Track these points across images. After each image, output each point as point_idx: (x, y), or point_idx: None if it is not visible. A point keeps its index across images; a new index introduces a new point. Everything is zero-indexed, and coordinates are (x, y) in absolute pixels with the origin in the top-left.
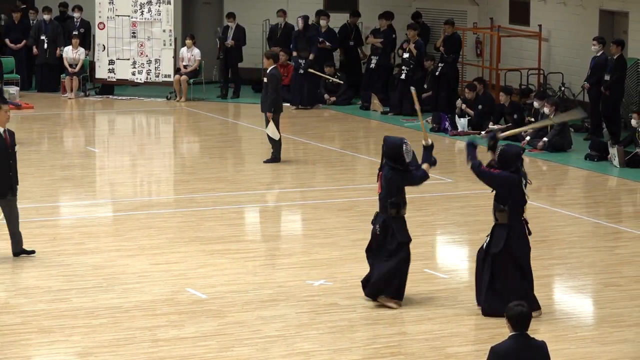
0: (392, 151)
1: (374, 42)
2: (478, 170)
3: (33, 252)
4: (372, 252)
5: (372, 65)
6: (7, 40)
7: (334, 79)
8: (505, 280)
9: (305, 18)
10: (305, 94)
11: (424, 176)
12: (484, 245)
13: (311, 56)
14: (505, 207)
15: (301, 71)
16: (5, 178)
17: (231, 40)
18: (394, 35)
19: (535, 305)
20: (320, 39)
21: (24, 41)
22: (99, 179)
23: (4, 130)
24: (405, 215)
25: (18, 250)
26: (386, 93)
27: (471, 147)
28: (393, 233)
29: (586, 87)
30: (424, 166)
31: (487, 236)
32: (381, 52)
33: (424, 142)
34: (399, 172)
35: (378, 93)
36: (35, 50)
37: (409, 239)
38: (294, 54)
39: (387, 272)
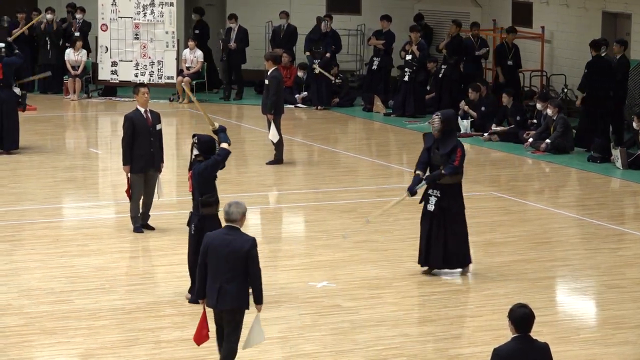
0: (207, 145)
1: (376, 43)
2: (451, 171)
3: (153, 228)
4: (192, 255)
5: (374, 67)
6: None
7: (337, 80)
8: (457, 235)
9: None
10: (323, 93)
11: (225, 153)
12: (432, 207)
13: (328, 55)
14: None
15: (316, 71)
16: (147, 154)
17: (233, 43)
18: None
19: (469, 259)
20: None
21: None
22: (102, 180)
23: (145, 111)
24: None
25: (144, 222)
26: (388, 94)
27: (418, 182)
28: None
29: None
30: (223, 145)
31: (434, 197)
32: (383, 54)
33: (211, 127)
34: (209, 163)
35: (380, 94)
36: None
37: None
38: (307, 53)
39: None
